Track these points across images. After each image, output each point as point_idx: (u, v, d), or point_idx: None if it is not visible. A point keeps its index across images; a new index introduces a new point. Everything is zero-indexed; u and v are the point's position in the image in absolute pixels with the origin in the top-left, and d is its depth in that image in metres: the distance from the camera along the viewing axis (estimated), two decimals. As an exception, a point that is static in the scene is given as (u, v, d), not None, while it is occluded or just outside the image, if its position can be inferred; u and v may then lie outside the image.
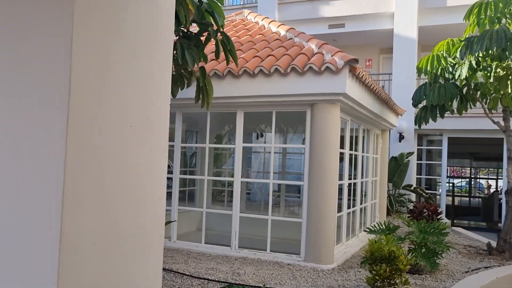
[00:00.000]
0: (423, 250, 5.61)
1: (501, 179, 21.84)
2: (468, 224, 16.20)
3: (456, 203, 26.59)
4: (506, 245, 6.89)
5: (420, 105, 8.10)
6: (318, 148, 5.78)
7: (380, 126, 8.95)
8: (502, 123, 7.56)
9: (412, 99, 7.77)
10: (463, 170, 32.61)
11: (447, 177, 30.64)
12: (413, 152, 12.56)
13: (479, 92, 7.83)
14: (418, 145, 13.58)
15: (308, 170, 5.89)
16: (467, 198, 24.96)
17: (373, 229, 5.96)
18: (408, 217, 9.04)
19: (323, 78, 5.58)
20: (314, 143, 5.82)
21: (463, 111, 8.00)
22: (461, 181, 29.73)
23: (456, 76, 7.15)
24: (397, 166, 11.16)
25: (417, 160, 13.56)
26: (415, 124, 7.85)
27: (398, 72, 13.29)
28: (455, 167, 32.55)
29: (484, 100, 7.97)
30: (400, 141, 12.91)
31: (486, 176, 31.56)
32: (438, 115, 7.64)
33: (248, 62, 6.05)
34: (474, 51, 6.33)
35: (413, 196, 12.69)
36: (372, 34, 14.52)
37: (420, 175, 13.93)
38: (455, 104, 8.02)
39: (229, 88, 6.07)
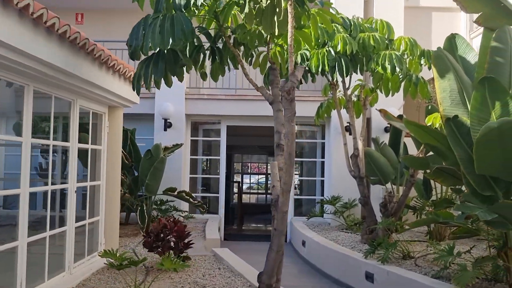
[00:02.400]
0: None
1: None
2: (257, 227, 14.05)
3: (253, 201, 25.34)
4: (271, 293, 4.04)
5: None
6: None
7: (95, 98, 5.44)
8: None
9: (126, 44, 4.41)
10: (262, 166, 31.88)
11: (247, 174, 29.56)
12: (181, 144, 9.48)
13: (243, 47, 4.98)
14: (193, 136, 10.62)
15: None
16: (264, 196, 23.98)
17: None
18: (142, 243, 5.76)
19: None
20: None
21: (220, 76, 5.05)
22: (258, 178, 28.75)
23: (192, 2, 4.05)
24: (150, 164, 7.86)
25: (192, 155, 10.59)
26: (133, 89, 4.51)
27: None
28: (255, 163, 31.65)
29: (250, 59, 5.15)
30: (165, 130, 9.72)
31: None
32: (169, 73, 4.44)
33: None
34: None
35: (185, 204, 9.62)
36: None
37: (196, 174, 11.01)
38: (209, 64, 4.99)
39: None
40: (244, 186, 28.06)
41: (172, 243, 5.54)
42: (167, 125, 9.79)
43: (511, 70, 4.10)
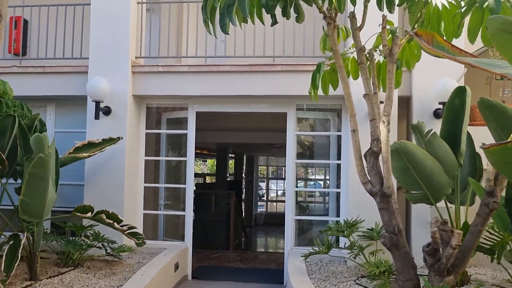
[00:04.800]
0: None
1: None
2: (264, 251, 10.65)
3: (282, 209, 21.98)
4: None
5: None
6: None
7: None
8: None
9: None
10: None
11: (275, 179, 26.11)
12: (118, 139, 6.31)
13: None
14: (149, 128, 7.38)
15: None
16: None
17: None
18: None
19: None
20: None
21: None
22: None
23: None
24: (27, 168, 4.67)
25: (148, 155, 7.36)
26: None
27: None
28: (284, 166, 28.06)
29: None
30: (97, 118, 6.53)
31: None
32: None
33: None
34: None
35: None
36: None
37: (156, 182, 7.74)
38: None
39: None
40: (272, 194, 24.79)
41: None
42: (103, 110, 6.61)
43: None
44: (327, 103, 6.91)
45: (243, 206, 17.22)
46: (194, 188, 10.68)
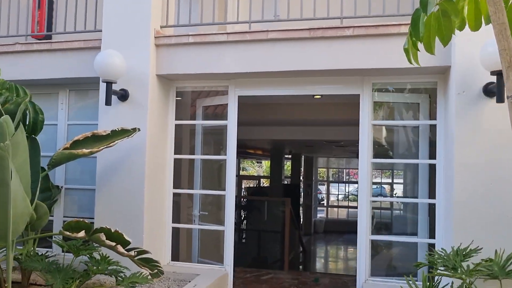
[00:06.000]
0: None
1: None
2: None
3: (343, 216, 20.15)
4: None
5: None
6: None
7: None
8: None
9: None
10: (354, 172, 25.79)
11: (336, 182, 24.06)
12: (133, 131, 4.76)
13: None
14: (179, 118, 5.81)
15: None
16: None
17: None
18: None
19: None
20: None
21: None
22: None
23: None
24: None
25: (178, 153, 5.79)
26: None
27: None
28: (349, 169, 25.70)
29: None
30: (108, 104, 4.99)
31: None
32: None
33: None
34: None
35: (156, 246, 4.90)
36: None
37: (190, 187, 6.14)
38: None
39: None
40: (332, 198, 22.88)
41: None
42: (118, 94, 5.10)
43: None
44: (414, 80, 5.04)
45: (300, 212, 15.46)
46: (245, 193, 8.97)
